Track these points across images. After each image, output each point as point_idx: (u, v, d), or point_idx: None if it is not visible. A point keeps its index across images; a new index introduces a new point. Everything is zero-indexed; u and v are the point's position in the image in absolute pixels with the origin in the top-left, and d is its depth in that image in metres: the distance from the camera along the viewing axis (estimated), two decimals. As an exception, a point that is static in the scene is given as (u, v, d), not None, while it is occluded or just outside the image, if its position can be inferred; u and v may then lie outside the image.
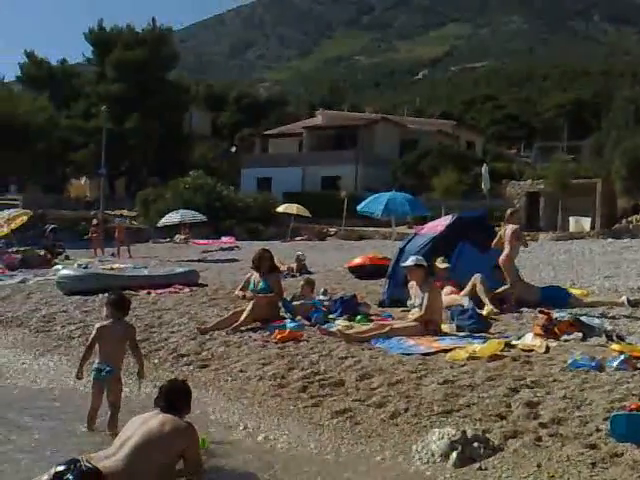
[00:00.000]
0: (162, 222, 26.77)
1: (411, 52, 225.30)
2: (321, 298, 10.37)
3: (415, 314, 8.18)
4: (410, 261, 8.48)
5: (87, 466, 4.11)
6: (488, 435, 4.94)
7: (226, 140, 62.12)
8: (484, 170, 32.80)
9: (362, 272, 14.26)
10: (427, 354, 7.17)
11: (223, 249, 25.23)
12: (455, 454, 4.74)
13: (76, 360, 8.10)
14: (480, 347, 7.06)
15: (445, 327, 8.35)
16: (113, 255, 22.60)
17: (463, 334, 8.08)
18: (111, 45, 49.74)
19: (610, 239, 25.29)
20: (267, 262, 9.42)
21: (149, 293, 12.35)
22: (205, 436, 5.32)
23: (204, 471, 4.83)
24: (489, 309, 9.28)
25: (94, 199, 43.12)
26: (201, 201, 32.79)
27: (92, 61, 53.57)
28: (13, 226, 20.70)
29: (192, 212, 27.19)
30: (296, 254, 16.43)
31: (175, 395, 4.87)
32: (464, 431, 4.91)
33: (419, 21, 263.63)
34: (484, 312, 9.08)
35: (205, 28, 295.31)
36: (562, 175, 32.81)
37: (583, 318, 8.16)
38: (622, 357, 6.44)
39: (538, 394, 5.68)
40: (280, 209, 32.45)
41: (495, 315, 9.25)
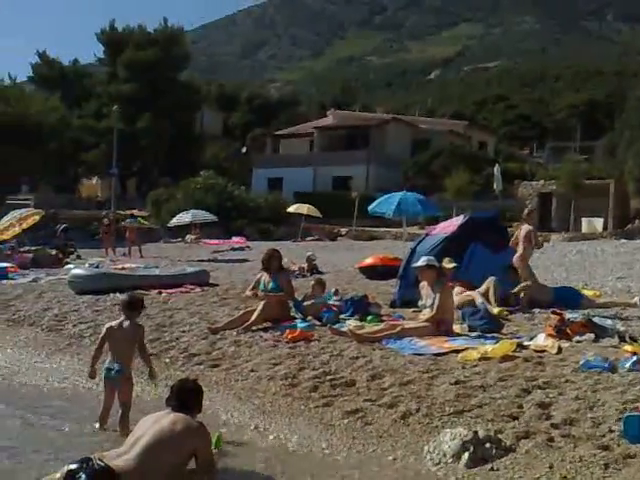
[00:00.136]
0: (173, 222, 26.83)
1: (423, 52, 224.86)
2: (332, 298, 10.37)
3: (426, 314, 8.16)
4: (421, 261, 8.46)
5: (99, 464, 4.12)
6: (500, 436, 4.92)
7: (237, 140, 62.19)
8: (496, 170, 32.70)
9: (373, 272, 14.24)
10: (438, 354, 7.15)
11: (234, 249, 25.26)
12: (467, 454, 4.72)
13: (88, 359, 8.14)
14: (492, 348, 7.03)
15: (457, 327, 8.32)
16: (124, 255, 22.66)
17: (475, 335, 8.05)
18: (123, 45, 49.91)
19: (623, 240, 25.15)
20: (276, 262, 9.42)
21: (160, 293, 12.36)
22: (219, 434, 5.32)
23: (217, 471, 4.83)
24: (499, 309, 9.26)
25: (105, 199, 43.32)
26: (212, 201, 32.84)
27: (104, 61, 53.82)
28: (25, 226, 20.78)
29: (203, 212, 27.23)
30: (307, 254, 16.44)
31: (186, 394, 4.88)
32: (476, 432, 4.89)
33: (431, 21, 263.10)
34: (494, 311, 9.06)
35: (217, 28, 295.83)
36: (574, 175, 32.64)
37: (595, 319, 8.11)
38: (635, 358, 6.40)
39: (550, 395, 5.65)
40: (291, 209, 32.46)
41: (507, 315, 9.23)
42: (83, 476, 4.04)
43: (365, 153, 43.50)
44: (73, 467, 4.12)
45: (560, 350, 7.12)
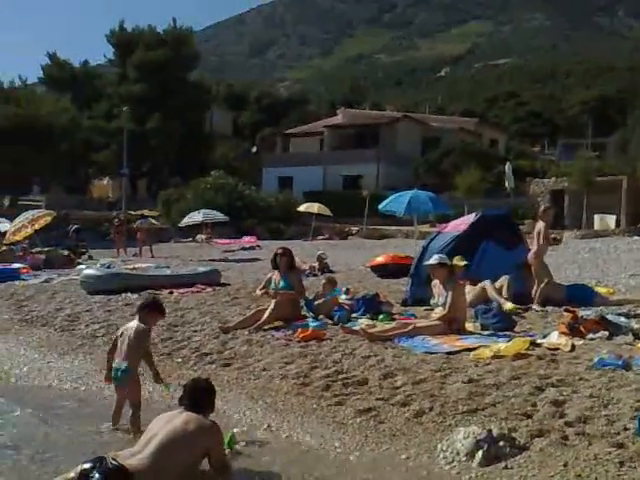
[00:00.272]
0: (184, 222, 26.91)
1: (432, 50, 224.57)
2: (343, 297, 10.36)
3: (439, 313, 8.13)
4: (433, 259, 8.43)
5: (113, 464, 4.13)
6: (514, 434, 4.89)
7: (247, 140, 62.32)
8: (507, 168, 32.59)
9: (384, 271, 14.24)
10: (451, 353, 7.12)
11: (245, 249, 25.31)
12: (481, 453, 4.69)
13: (100, 359, 8.18)
14: (505, 346, 6.99)
15: (469, 326, 8.29)
16: (135, 255, 22.74)
17: (487, 333, 8.01)
18: (132, 46, 50.14)
19: (636, 237, 24.98)
20: (285, 260, 9.41)
21: (171, 293, 12.39)
22: (231, 433, 5.32)
23: (230, 471, 4.83)
24: (511, 306, 9.22)
25: (116, 199, 43.55)
26: (222, 201, 32.90)
27: (114, 62, 54.06)
28: (37, 227, 20.90)
29: (214, 212, 27.29)
30: (317, 253, 16.44)
31: (199, 394, 4.89)
32: (490, 430, 4.86)
33: (440, 19, 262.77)
34: (507, 307, 9.03)
35: (226, 28, 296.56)
36: (587, 172, 32.45)
37: (609, 316, 8.07)
38: (649, 355, 6.35)
39: (564, 393, 5.61)
40: (301, 208, 32.47)
41: (520, 312, 9.20)
42: (97, 475, 4.05)
43: (375, 152, 43.46)
44: (87, 466, 4.13)
45: (573, 348, 7.08)
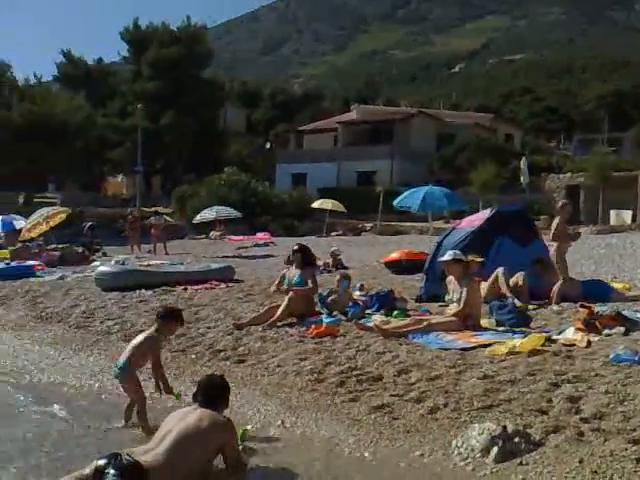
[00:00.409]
0: (198, 219, 26.95)
1: (447, 45, 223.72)
2: (357, 293, 10.34)
3: (453, 309, 8.09)
4: (448, 255, 8.39)
5: (128, 460, 4.15)
6: (529, 430, 4.86)
7: (261, 136, 62.32)
8: (523, 163, 32.42)
9: (398, 267, 14.19)
10: (466, 349, 7.09)
11: (258, 245, 25.31)
12: (496, 449, 4.67)
13: (115, 355, 8.21)
14: (520, 342, 6.95)
15: (484, 322, 8.25)
16: (149, 252, 22.79)
17: (503, 329, 7.98)
18: (146, 43, 50.25)
19: (652, 232, 24.79)
20: (299, 257, 9.42)
21: (185, 289, 12.42)
22: (244, 429, 5.31)
23: (245, 467, 4.83)
24: (522, 305, 9.17)
25: (131, 196, 43.67)
26: (236, 197, 32.92)
27: (128, 60, 54.20)
28: (52, 224, 21.00)
29: (227, 208, 27.31)
30: (331, 249, 16.40)
31: (213, 390, 4.89)
32: (505, 426, 4.83)
33: (455, 14, 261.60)
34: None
35: (239, 25, 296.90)
36: (603, 168, 32.24)
37: (625, 312, 8.01)
38: (667, 351, 6.29)
39: (580, 389, 5.57)
40: (315, 205, 32.47)
41: (532, 309, 9.15)
42: (112, 471, 4.06)
43: (389, 148, 43.34)
44: (102, 462, 4.15)
45: (589, 344, 7.03)
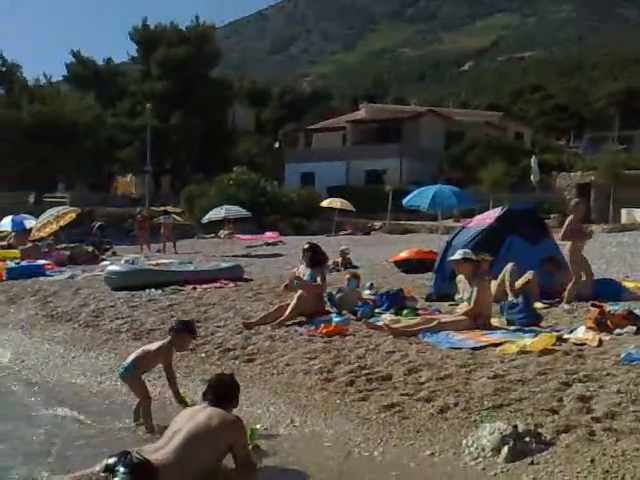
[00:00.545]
0: (207, 218, 26.98)
1: (456, 43, 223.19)
2: (367, 292, 10.31)
3: (464, 308, 8.06)
4: (458, 255, 8.35)
5: (138, 458, 4.16)
6: (540, 430, 4.83)
7: (269, 135, 62.35)
8: (533, 162, 32.30)
9: (408, 266, 14.15)
10: (476, 348, 7.05)
11: (267, 244, 25.30)
12: (506, 449, 4.64)
13: (125, 354, 8.22)
14: (531, 341, 6.91)
15: (495, 321, 8.20)
16: (159, 251, 22.83)
17: (513, 328, 7.93)
18: (155, 43, 50.35)
19: (664, 231, 24.64)
20: (309, 256, 9.42)
21: (195, 288, 12.41)
22: (252, 428, 5.31)
23: (255, 466, 4.82)
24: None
25: (140, 196, 43.74)
26: (245, 196, 32.94)
27: (137, 60, 54.31)
28: (62, 223, 21.09)
29: (236, 208, 27.32)
30: (340, 248, 16.37)
31: (223, 389, 4.90)
32: (515, 426, 4.81)
33: (464, 12, 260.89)
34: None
35: (248, 24, 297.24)
36: (614, 166, 32.09)
37: (637, 311, 7.94)
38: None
39: (591, 388, 5.53)
40: (324, 204, 32.44)
41: (545, 308, 9.11)
42: (122, 469, 4.08)
43: (398, 146, 43.26)
44: (112, 461, 4.17)
45: (601, 343, 6.98)
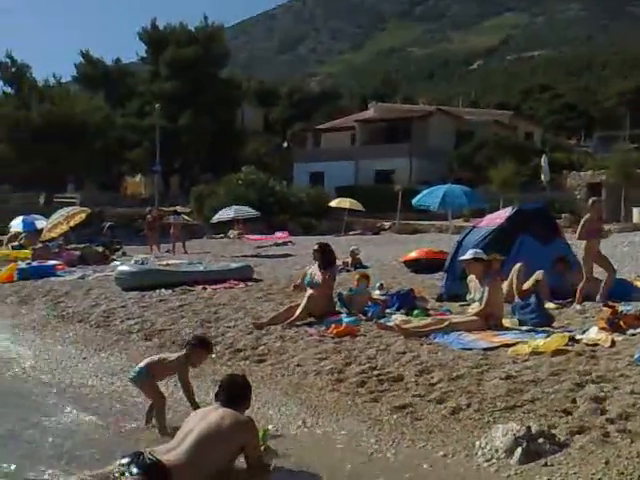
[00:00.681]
0: (216, 218, 27.01)
1: (465, 42, 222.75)
2: (377, 293, 10.28)
3: (475, 308, 8.02)
4: (468, 254, 8.33)
5: (151, 459, 4.16)
6: (553, 431, 4.80)
7: (278, 135, 62.36)
8: (543, 161, 32.20)
9: (418, 266, 14.11)
10: (488, 349, 7.02)
11: (277, 244, 25.29)
12: (520, 450, 4.62)
13: (135, 355, 8.24)
14: (543, 342, 6.87)
15: (506, 321, 8.17)
16: (168, 251, 22.87)
17: (525, 328, 7.90)
18: (164, 44, 50.43)
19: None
20: (318, 256, 9.43)
21: (205, 288, 12.41)
22: (265, 429, 5.30)
23: (267, 467, 4.81)
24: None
25: (149, 196, 43.84)
26: (254, 196, 32.94)
27: (146, 60, 54.41)
28: (72, 224, 21.18)
29: (245, 208, 27.34)
30: (350, 248, 16.35)
31: (235, 390, 4.89)
32: (529, 427, 4.78)
33: (473, 11, 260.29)
34: None
35: (256, 24, 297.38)
36: (625, 165, 31.95)
37: (650, 311, 7.89)
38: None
39: (604, 389, 5.50)
40: (333, 204, 32.41)
41: (557, 308, 9.06)
42: (134, 469, 4.08)
43: (408, 146, 43.19)
44: (124, 461, 4.18)
45: (614, 343, 6.94)
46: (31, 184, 39.81)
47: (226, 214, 26.63)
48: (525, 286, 9.47)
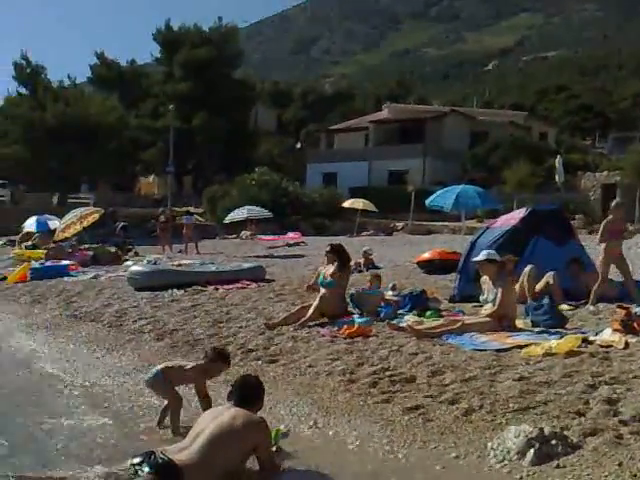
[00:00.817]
0: (229, 218, 27.08)
1: (480, 43, 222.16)
2: (389, 293, 10.26)
3: (488, 309, 7.99)
4: (482, 255, 8.29)
5: (162, 458, 4.16)
6: (566, 432, 4.76)
7: (291, 136, 62.45)
8: (558, 162, 32.04)
9: (431, 267, 14.07)
10: (501, 350, 6.98)
11: (289, 245, 25.32)
12: (532, 451, 4.58)
13: (147, 354, 8.26)
14: (557, 343, 6.83)
15: (519, 322, 8.13)
16: (181, 251, 22.93)
17: (538, 330, 7.86)
18: (178, 45, 50.61)
19: (691, 231, 24.24)
20: (329, 257, 9.43)
21: (217, 289, 12.44)
22: (277, 429, 5.29)
23: (278, 467, 4.80)
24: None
25: (162, 196, 44.02)
26: (267, 197, 33.01)
27: (160, 61, 54.63)
28: (85, 224, 21.28)
29: (258, 208, 27.41)
30: (363, 249, 16.33)
31: (248, 390, 4.89)
32: (541, 428, 4.74)
33: (488, 11, 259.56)
34: None
35: (270, 25, 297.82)
36: (640, 166, 31.74)
37: (664, 313, 7.83)
38: None
39: (618, 391, 5.46)
40: (346, 204, 32.41)
41: (570, 309, 9.01)
42: (146, 468, 4.08)
43: (421, 146, 43.13)
44: (136, 461, 4.18)
45: (627, 345, 6.90)
46: (45, 184, 40.06)
47: (239, 214, 26.70)
48: (537, 288, 9.42)
